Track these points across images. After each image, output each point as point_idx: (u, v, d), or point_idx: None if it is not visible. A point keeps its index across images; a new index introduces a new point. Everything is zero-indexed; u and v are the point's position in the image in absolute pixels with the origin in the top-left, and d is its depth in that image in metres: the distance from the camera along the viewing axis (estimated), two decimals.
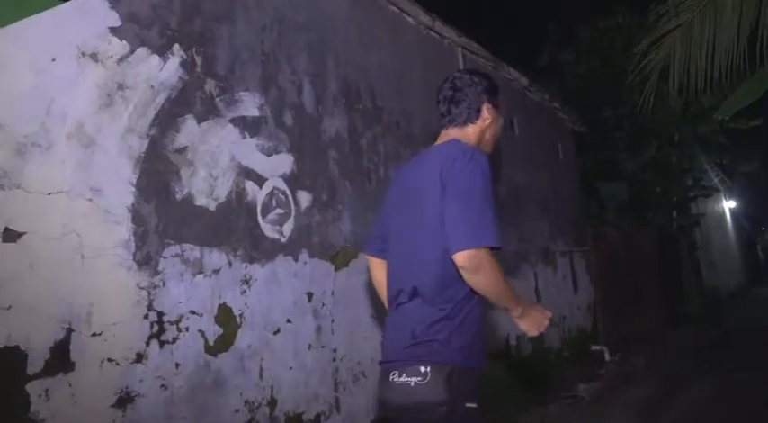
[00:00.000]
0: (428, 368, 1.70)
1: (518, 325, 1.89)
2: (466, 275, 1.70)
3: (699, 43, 4.40)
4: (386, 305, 2.08)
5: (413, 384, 1.70)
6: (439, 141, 2.06)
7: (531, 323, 1.88)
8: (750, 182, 20.21)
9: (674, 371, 6.45)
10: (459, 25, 5.36)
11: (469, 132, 2.04)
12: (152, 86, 2.63)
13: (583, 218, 8.26)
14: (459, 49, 5.52)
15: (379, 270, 2.17)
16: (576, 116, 8.44)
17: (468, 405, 1.71)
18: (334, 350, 3.44)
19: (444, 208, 1.75)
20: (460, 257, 1.67)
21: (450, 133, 2.04)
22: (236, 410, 2.78)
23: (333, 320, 3.46)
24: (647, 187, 10.22)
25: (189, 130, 2.77)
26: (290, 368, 3.12)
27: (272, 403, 2.97)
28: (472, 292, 1.79)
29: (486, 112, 2.04)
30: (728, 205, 22.35)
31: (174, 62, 2.75)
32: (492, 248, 1.71)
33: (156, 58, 2.67)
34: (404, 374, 1.72)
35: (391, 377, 1.75)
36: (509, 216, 5.93)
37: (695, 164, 11.88)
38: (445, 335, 1.74)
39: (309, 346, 3.27)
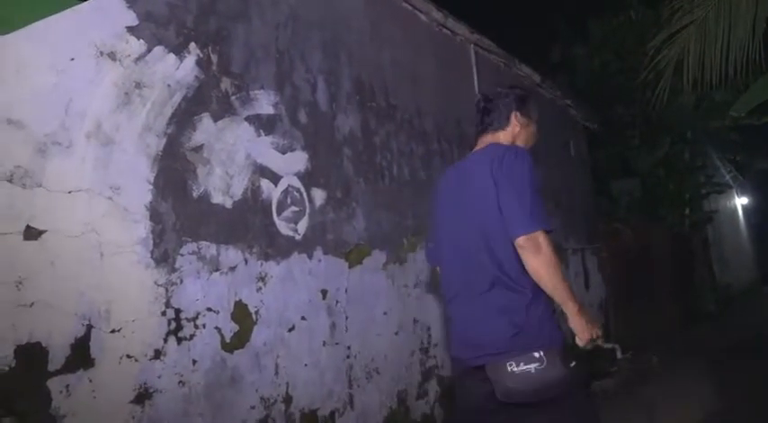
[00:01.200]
0: (541, 353, 1.89)
1: (571, 323, 1.97)
2: (527, 257, 1.89)
3: (713, 38, 4.37)
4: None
5: (533, 371, 1.88)
6: (477, 148, 2.29)
7: (584, 326, 1.97)
8: (763, 178, 20.03)
9: (687, 369, 6.42)
10: (471, 22, 5.35)
11: (501, 138, 2.27)
12: (169, 85, 2.65)
13: (595, 215, 8.23)
14: (472, 45, 5.51)
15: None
16: (588, 113, 8.39)
17: (571, 365, 1.96)
18: (348, 347, 3.46)
19: (500, 201, 1.96)
20: (522, 240, 1.88)
21: (485, 140, 2.29)
22: (252, 407, 2.80)
23: (347, 318, 3.47)
24: (659, 184, 10.16)
25: (205, 129, 2.79)
26: (305, 365, 3.14)
27: (288, 400, 2.99)
28: None
29: (515, 120, 2.29)
30: (741, 202, 22.17)
31: (190, 61, 2.76)
32: (546, 232, 1.92)
33: (172, 57, 2.68)
34: (521, 363, 1.89)
35: (509, 368, 1.90)
36: None
37: (708, 161, 11.79)
38: (538, 317, 1.95)
39: (324, 343, 3.29)
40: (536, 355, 1.89)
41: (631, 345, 2.04)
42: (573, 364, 1.96)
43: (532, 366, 1.89)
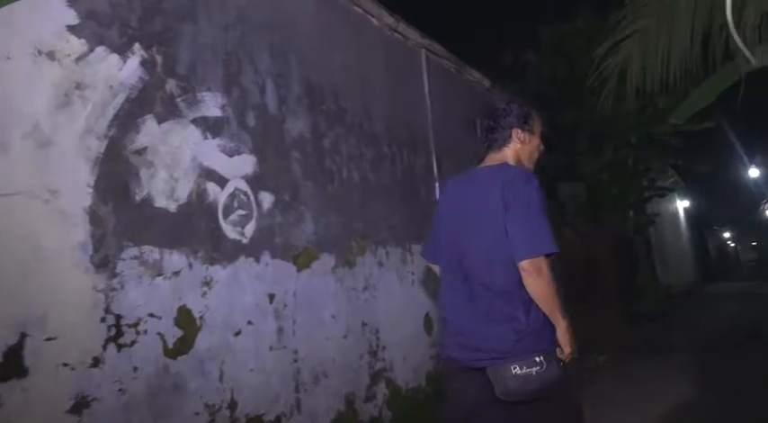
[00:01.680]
0: (541, 357, 2.09)
1: (559, 337, 2.18)
2: (528, 278, 2.09)
3: (655, 48, 4.53)
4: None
5: (534, 373, 2.07)
6: (485, 164, 2.40)
7: (567, 341, 2.19)
8: (703, 182, 20.87)
9: (632, 367, 6.64)
10: (422, 26, 5.41)
11: (507, 154, 2.38)
12: (111, 86, 2.59)
13: None
14: (423, 50, 5.57)
15: (437, 271, 2.55)
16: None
17: (561, 364, 2.18)
18: (296, 351, 3.45)
19: (507, 223, 2.13)
20: (525, 264, 2.07)
21: (494, 157, 2.40)
22: (196, 413, 2.76)
23: (294, 322, 3.46)
24: (604, 188, 10.46)
25: (149, 131, 2.74)
26: (251, 370, 3.11)
27: (233, 406, 2.96)
28: None
29: (516, 137, 2.38)
30: (682, 205, 23.04)
31: (134, 61, 2.71)
32: (548, 255, 2.12)
33: (115, 58, 2.63)
34: (524, 366, 2.08)
35: (513, 370, 2.08)
36: None
37: (651, 165, 12.20)
38: (537, 325, 2.14)
39: (270, 347, 3.27)
40: (537, 359, 2.09)
41: (578, 344, 2.20)
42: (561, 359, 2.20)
43: (534, 369, 2.08)
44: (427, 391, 4.67)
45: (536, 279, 2.08)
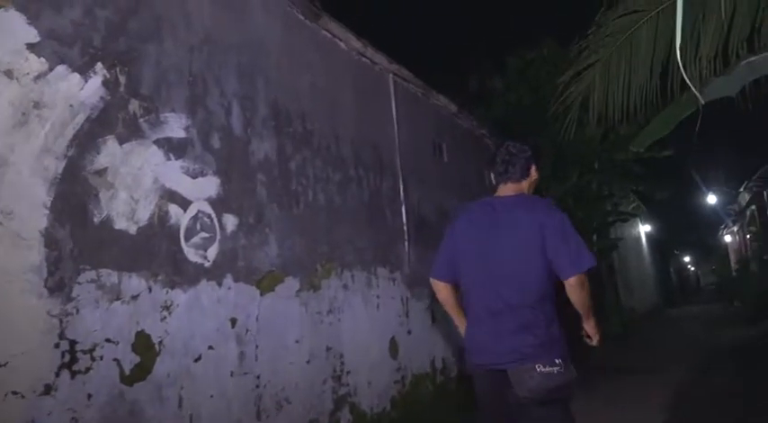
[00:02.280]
0: (560, 360, 2.48)
1: (589, 331, 2.76)
2: (575, 290, 2.53)
3: (616, 78, 4.66)
4: (455, 314, 2.91)
5: (555, 372, 2.45)
6: (503, 193, 2.78)
7: (596, 331, 2.76)
8: (664, 208, 21.38)
9: (595, 385, 6.69)
10: (389, 51, 5.46)
11: (524, 186, 2.78)
12: (71, 105, 2.54)
13: None
14: (391, 75, 5.62)
15: (444, 291, 2.90)
16: (501, 143, 8.69)
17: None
18: (258, 377, 3.38)
19: (552, 247, 2.51)
20: (573, 279, 2.50)
21: (511, 187, 2.77)
22: None
23: (257, 346, 3.40)
24: (569, 212, 10.63)
25: (110, 152, 2.69)
26: (211, 396, 3.04)
27: None
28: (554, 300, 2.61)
29: (533, 172, 2.80)
30: (644, 229, 23.53)
31: (95, 81, 2.67)
32: (589, 269, 2.53)
33: (76, 77, 2.58)
34: (546, 366, 2.43)
35: (537, 369, 2.43)
36: (437, 240, 6.03)
37: (614, 190, 12.45)
38: (556, 333, 2.55)
39: (232, 373, 3.20)
40: (557, 360, 2.46)
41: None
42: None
43: (555, 369, 2.45)
44: (392, 416, 4.62)
45: (581, 291, 2.54)
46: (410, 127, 5.84)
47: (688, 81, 1.56)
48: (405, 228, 5.41)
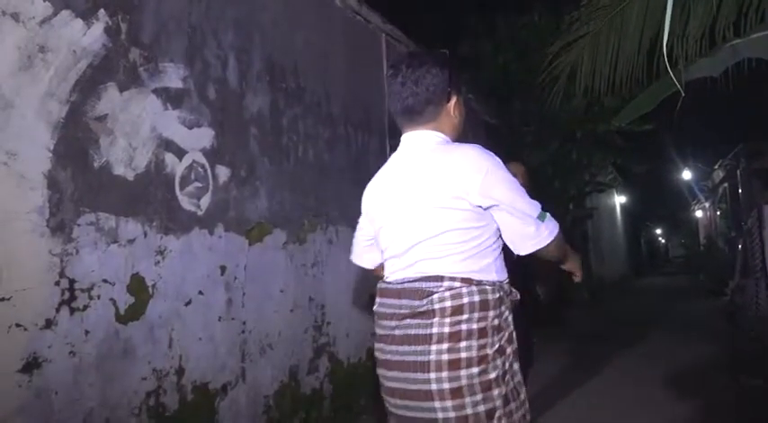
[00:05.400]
0: None
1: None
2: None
3: (605, 51, 4.76)
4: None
5: None
6: None
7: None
8: (640, 180, 21.76)
9: (564, 352, 7.01)
10: (383, 11, 5.48)
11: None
12: (74, 51, 2.59)
13: None
14: (384, 35, 5.65)
15: None
16: (488, 107, 8.80)
17: None
18: (244, 323, 3.53)
19: None
20: None
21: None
22: (144, 378, 2.83)
23: (244, 294, 3.55)
24: (547, 180, 10.82)
25: (110, 98, 2.75)
26: (200, 339, 3.19)
27: (180, 372, 3.04)
28: None
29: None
30: (619, 200, 23.97)
31: (98, 28, 2.70)
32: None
33: (79, 23, 2.62)
34: None
35: None
36: None
37: (593, 161, 12.67)
38: None
39: (220, 317, 3.35)
40: None
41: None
42: None
43: None
44: (367, 366, 4.84)
45: None
46: None
47: (667, 64, 1.64)
48: None
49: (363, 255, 2.05)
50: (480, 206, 1.59)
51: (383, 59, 5.61)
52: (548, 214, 1.70)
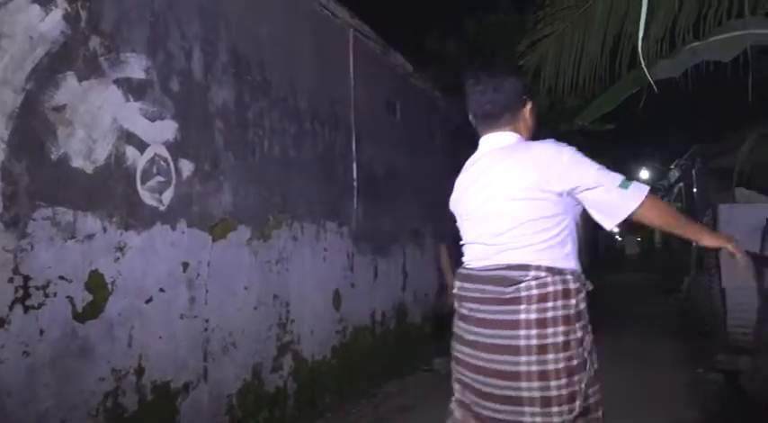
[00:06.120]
0: None
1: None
2: None
3: (569, 51, 4.81)
4: None
5: None
6: None
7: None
8: None
9: None
10: (350, 5, 5.43)
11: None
12: (31, 38, 2.48)
13: None
14: (351, 29, 5.60)
15: None
16: (454, 105, 8.82)
17: None
18: (207, 321, 3.46)
19: None
20: None
21: None
22: (102, 379, 2.74)
23: (207, 291, 3.47)
24: None
25: (69, 88, 2.65)
26: (161, 337, 3.11)
27: (140, 372, 2.95)
28: None
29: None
30: None
31: (56, 14, 2.60)
32: None
33: (36, 8, 2.51)
34: None
35: None
36: (385, 197, 6.16)
37: None
38: None
39: (181, 315, 3.27)
40: None
41: None
42: None
43: None
44: (332, 364, 4.80)
45: None
46: (366, 84, 5.87)
47: (643, 62, 1.66)
48: (355, 184, 5.50)
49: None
50: (561, 193, 1.68)
51: (350, 55, 5.57)
52: (633, 182, 1.70)
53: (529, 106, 1.92)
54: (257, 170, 4.04)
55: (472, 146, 2.07)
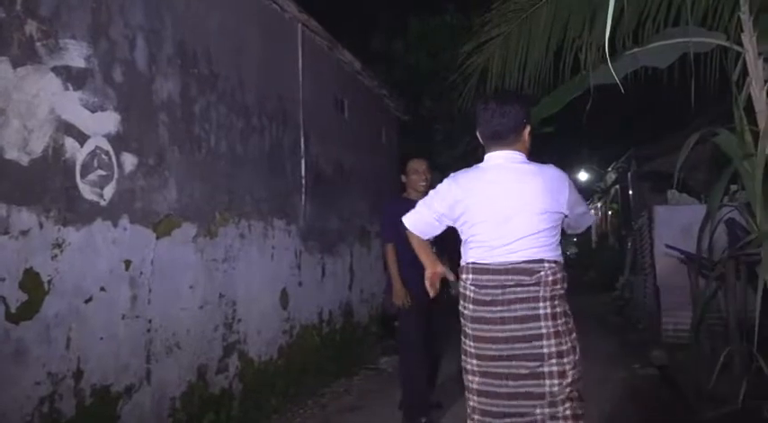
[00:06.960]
0: None
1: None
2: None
3: (514, 53, 4.90)
4: None
5: None
6: None
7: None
8: None
9: None
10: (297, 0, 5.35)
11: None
12: None
13: None
14: (299, 24, 5.52)
15: None
16: (400, 104, 8.85)
17: None
18: (150, 321, 3.33)
19: None
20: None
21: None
22: (37, 383, 2.59)
23: (150, 290, 3.34)
24: None
25: (2, 75, 2.49)
26: (101, 339, 2.97)
27: (78, 375, 2.81)
28: None
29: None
30: None
31: None
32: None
33: None
34: None
35: None
36: (333, 195, 6.11)
37: None
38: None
39: (123, 316, 3.13)
40: None
41: None
42: None
43: None
44: (278, 364, 4.72)
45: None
46: (315, 80, 5.80)
47: (608, 57, 1.72)
48: (303, 181, 5.42)
49: (422, 228, 2.47)
50: (565, 212, 2.22)
51: (298, 50, 5.49)
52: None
53: (528, 129, 2.29)
54: (204, 166, 3.92)
55: (417, 144, 2.18)
